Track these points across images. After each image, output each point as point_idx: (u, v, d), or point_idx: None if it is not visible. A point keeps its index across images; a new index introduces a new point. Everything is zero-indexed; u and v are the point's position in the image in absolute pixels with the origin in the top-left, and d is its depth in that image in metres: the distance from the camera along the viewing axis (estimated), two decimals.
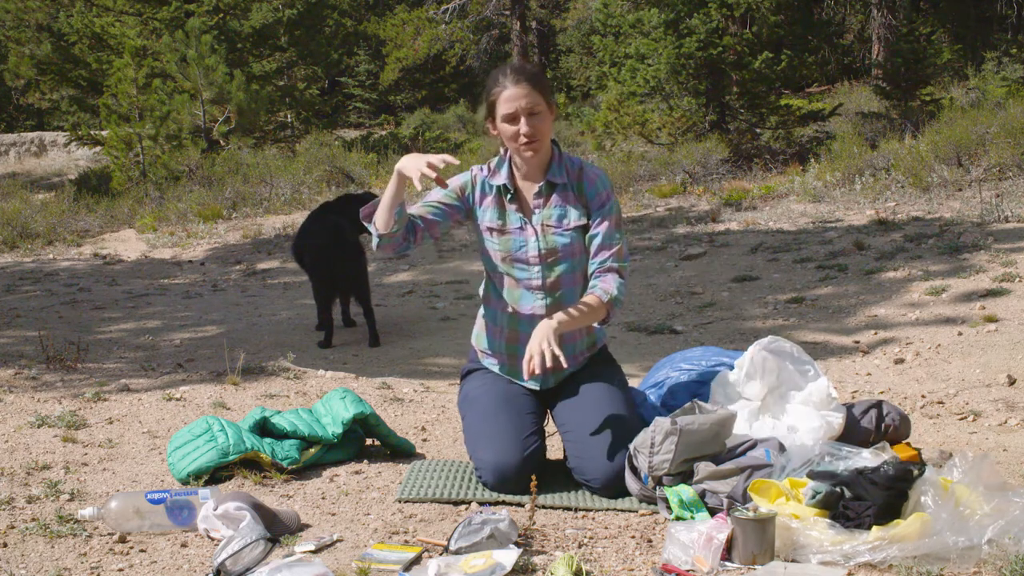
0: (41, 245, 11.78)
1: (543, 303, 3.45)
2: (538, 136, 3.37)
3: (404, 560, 2.72)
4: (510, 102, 3.34)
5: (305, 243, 6.88)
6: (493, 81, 3.42)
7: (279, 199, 13.13)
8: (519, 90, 3.33)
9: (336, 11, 22.20)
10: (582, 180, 3.47)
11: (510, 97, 3.34)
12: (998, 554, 2.57)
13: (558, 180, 3.45)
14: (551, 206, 3.45)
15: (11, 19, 19.81)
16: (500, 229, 3.47)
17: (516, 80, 3.35)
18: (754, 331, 6.00)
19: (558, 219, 3.44)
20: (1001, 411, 4.19)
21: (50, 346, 5.53)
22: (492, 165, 3.53)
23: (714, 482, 3.06)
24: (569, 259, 3.45)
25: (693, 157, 12.73)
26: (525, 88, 3.34)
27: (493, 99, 3.38)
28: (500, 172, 3.49)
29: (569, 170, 3.48)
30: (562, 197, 3.45)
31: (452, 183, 3.51)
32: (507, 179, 3.47)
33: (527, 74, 3.38)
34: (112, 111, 14.90)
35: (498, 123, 3.40)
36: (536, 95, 3.35)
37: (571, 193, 3.46)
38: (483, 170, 3.54)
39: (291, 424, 3.67)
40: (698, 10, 13.73)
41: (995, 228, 7.93)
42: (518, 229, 3.46)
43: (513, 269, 3.47)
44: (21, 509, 3.19)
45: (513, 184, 3.48)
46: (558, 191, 3.45)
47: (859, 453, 2.98)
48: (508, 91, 3.34)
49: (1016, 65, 17.26)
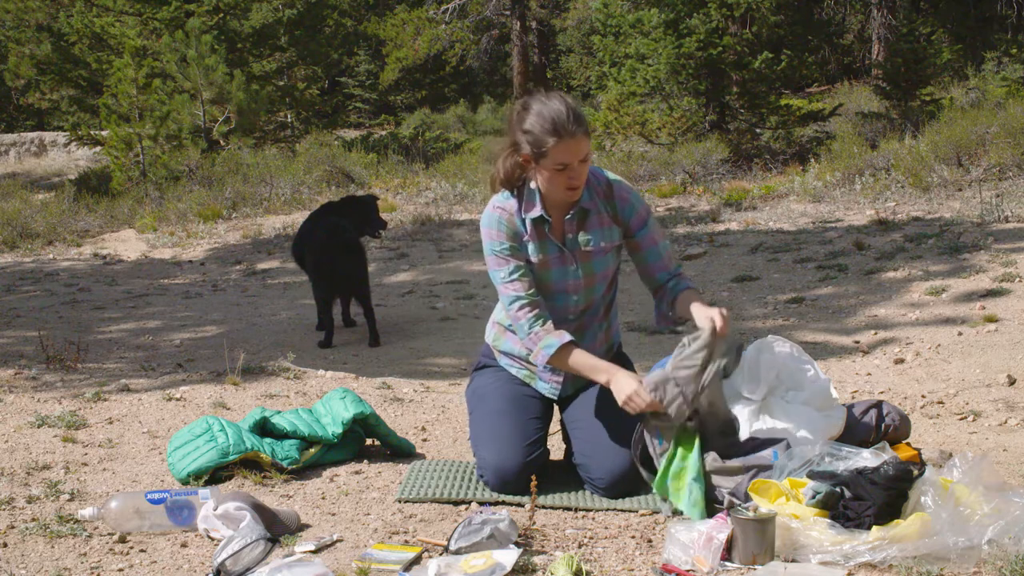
0: (41, 245, 11.77)
1: (573, 324, 3.42)
2: (584, 181, 3.26)
3: (404, 560, 2.73)
4: (568, 155, 3.17)
5: (305, 243, 6.88)
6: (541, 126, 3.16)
7: (279, 199, 13.13)
8: (575, 142, 3.16)
9: (336, 11, 22.20)
10: (613, 199, 3.37)
11: (568, 150, 3.16)
12: (998, 554, 2.57)
13: (590, 206, 3.34)
14: (586, 231, 3.36)
15: (11, 19, 19.80)
16: (541, 262, 3.36)
17: (573, 133, 3.14)
18: (754, 331, 6.00)
19: (595, 243, 3.36)
20: (1001, 411, 4.19)
21: (50, 346, 5.53)
22: (523, 196, 3.34)
23: (720, 478, 3.06)
24: (604, 280, 3.43)
25: (693, 157, 12.73)
26: (581, 138, 3.17)
27: (546, 148, 3.16)
28: (535, 204, 3.32)
29: (596, 188, 3.36)
30: (596, 220, 3.36)
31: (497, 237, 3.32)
32: (542, 210, 3.33)
33: (584, 123, 3.19)
34: (112, 111, 14.90)
35: (543, 166, 3.20)
36: (587, 141, 3.20)
37: (604, 215, 3.37)
38: (509, 205, 3.34)
39: (291, 424, 3.67)
40: (698, 10, 13.73)
41: (995, 228, 7.94)
42: (556, 259, 3.37)
43: (555, 298, 3.40)
44: (21, 509, 3.19)
45: (547, 212, 3.35)
46: (591, 215, 3.36)
47: (859, 453, 2.98)
48: (568, 145, 3.15)
49: (1016, 65, 17.24)
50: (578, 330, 3.41)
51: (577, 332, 3.38)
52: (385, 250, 9.99)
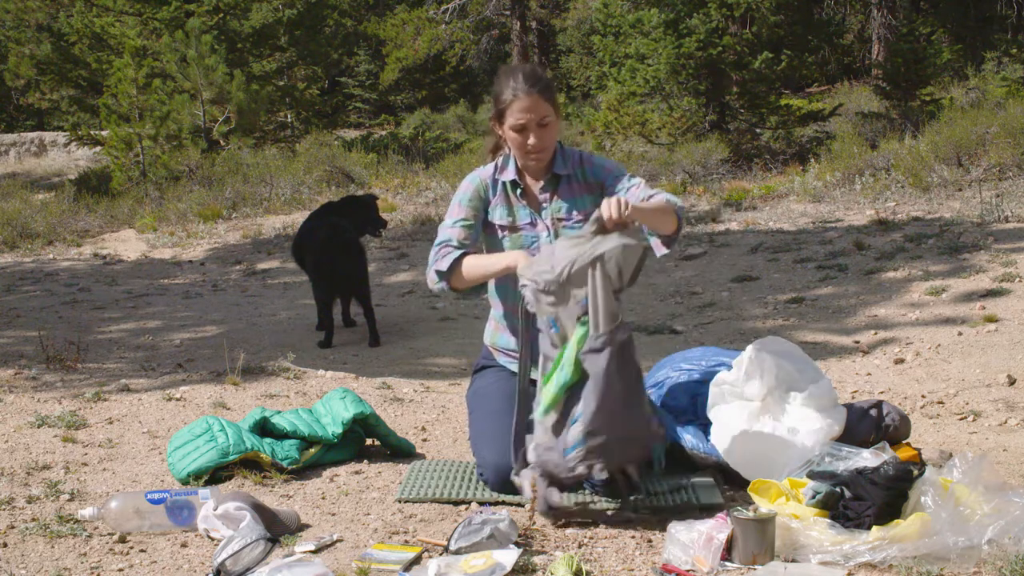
0: (41, 245, 11.77)
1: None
2: (546, 146, 3.36)
3: (404, 560, 2.73)
4: (522, 113, 3.30)
5: (305, 243, 6.88)
6: (505, 85, 3.35)
7: (279, 199, 13.13)
8: (531, 101, 3.29)
9: (336, 11, 22.19)
10: (584, 166, 3.45)
11: (522, 108, 3.30)
12: (998, 554, 2.57)
13: (563, 171, 3.43)
14: (559, 199, 3.44)
15: (11, 19, 19.81)
16: (511, 226, 3.45)
17: (529, 90, 3.29)
18: (754, 331, 6.00)
19: (567, 211, 3.42)
20: (1001, 411, 4.19)
21: (50, 346, 5.53)
22: (499, 162, 3.50)
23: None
24: None
25: (693, 157, 12.73)
26: (537, 99, 3.29)
27: (503, 107, 3.34)
28: (508, 168, 3.47)
29: (571, 157, 3.46)
30: (569, 189, 3.44)
31: (466, 190, 3.47)
32: (515, 174, 3.45)
33: (541, 84, 3.32)
34: (112, 111, 14.90)
35: (506, 129, 3.37)
36: (547, 105, 3.32)
37: (577, 183, 3.44)
38: (489, 169, 3.51)
39: (291, 424, 3.67)
40: (698, 10, 13.73)
41: (995, 228, 7.94)
42: (528, 224, 3.44)
43: None
44: (21, 509, 3.19)
45: (521, 179, 3.47)
46: (563, 183, 3.44)
47: (859, 453, 2.98)
48: (521, 102, 3.30)
49: (1016, 65, 17.25)
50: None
51: None
52: (385, 250, 9.99)
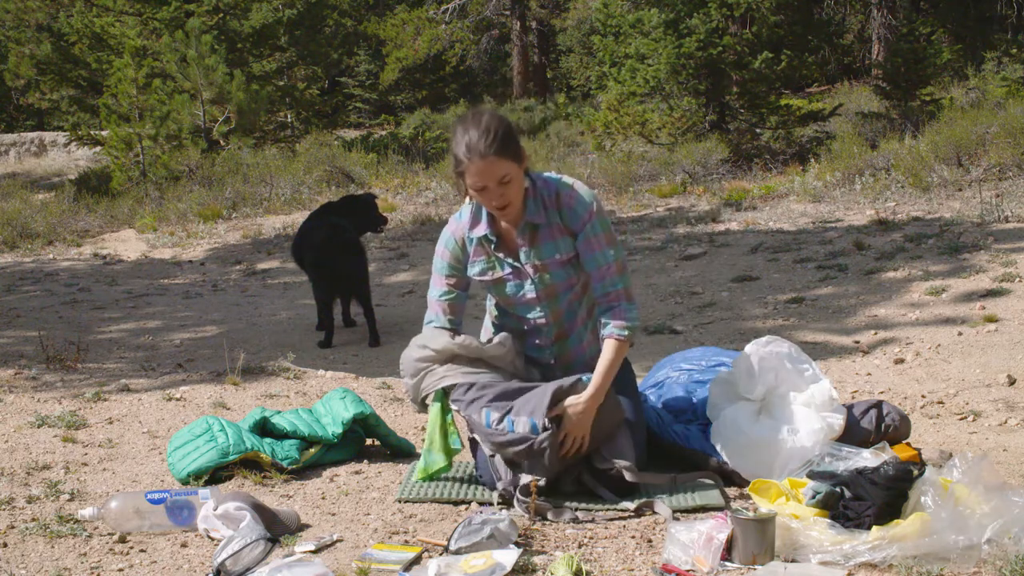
0: (41, 245, 11.77)
1: (548, 337, 3.46)
2: (510, 201, 3.23)
3: (404, 560, 2.72)
4: (478, 177, 3.17)
5: (305, 243, 6.88)
6: (459, 145, 3.18)
7: (279, 199, 13.14)
8: (486, 164, 3.14)
9: (336, 11, 22.21)
10: (561, 208, 3.32)
11: (478, 172, 3.16)
12: (998, 554, 2.57)
13: (539, 220, 3.31)
14: (538, 244, 3.34)
15: (11, 19, 19.80)
16: (493, 280, 3.40)
17: (484, 154, 3.13)
18: (754, 331, 6.00)
19: (548, 256, 3.34)
20: (1001, 411, 4.19)
21: (50, 346, 5.53)
22: (473, 211, 3.37)
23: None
24: (568, 290, 3.41)
25: (693, 157, 12.73)
26: (493, 160, 3.15)
27: (461, 168, 3.19)
28: (481, 221, 3.35)
29: (546, 200, 3.31)
30: (547, 232, 3.33)
31: (443, 255, 3.42)
32: (488, 227, 3.34)
33: (496, 145, 3.14)
34: (112, 111, 14.90)
35: (468, 186, 3.24)
36: (505, 163, 3.16)
37: (555, 226, 3.33)
38: (464, 222, 3.39)
39: (291, 424, 3.67)
40: (698, 10, 13.72)
41: (995, 228, 7.93)
42: (511, 275, 3.38)
43: (518, 310, 3.46)
44: (21, 509, 3.19)
45: (496, 230, 3.36)
46: (542, 228, 3.33)
47: (859, 453, 2.98)
48: (475, 165, 3.15)
49: (1016, 65, 17.23)
50: (559, 337, 3.45)
51: (559, 339, 3.45)
52: (385, 250, 9.99)
